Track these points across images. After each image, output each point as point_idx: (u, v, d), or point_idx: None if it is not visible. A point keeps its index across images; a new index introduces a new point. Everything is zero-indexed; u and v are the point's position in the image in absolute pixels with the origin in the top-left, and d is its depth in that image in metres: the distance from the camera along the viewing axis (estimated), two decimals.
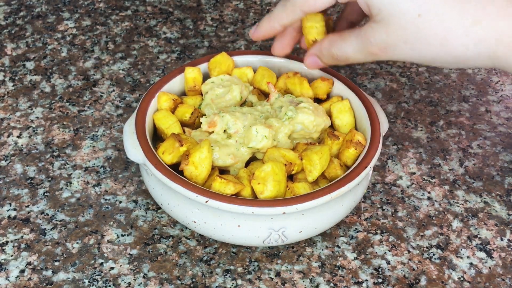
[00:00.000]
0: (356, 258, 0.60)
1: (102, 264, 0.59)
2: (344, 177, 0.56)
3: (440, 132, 0.73)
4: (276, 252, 0.60)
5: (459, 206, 0.65)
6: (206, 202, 0.54)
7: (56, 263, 0.59)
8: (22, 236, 0.61)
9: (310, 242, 0.61)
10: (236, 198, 0.54)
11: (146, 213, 0.63)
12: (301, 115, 0.60)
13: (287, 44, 0.63)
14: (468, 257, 0.61)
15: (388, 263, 0.60)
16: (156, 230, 0.62)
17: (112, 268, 0.58)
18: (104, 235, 0.61)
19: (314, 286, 0.58)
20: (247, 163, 0.60)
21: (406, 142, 0.72)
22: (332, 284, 0.58)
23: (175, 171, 0.56)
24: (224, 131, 0.60)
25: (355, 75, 0.80)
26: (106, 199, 0.64)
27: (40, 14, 0.88)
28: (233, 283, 0.58)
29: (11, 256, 0.59)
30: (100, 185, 0.66)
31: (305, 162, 0.58)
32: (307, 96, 0.65)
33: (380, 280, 0.58)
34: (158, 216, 0.63)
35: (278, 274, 0.58)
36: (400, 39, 0.51)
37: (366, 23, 0.54)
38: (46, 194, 0.65)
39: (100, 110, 0.74)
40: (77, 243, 0.60)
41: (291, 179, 0.59)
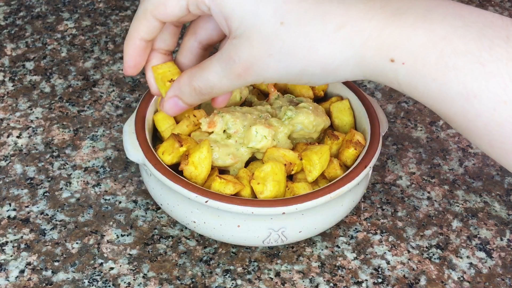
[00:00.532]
0: (356, 258, 0.60)
1: (102, 264, 0.59)
2: (344, 177, 0.56)
3: (440, 132, 0.73)
4: (276, 252, 0.60)
5: (459, 206, 0.65)
6: (206, 202, 0.54)
7: (56, 263, 0.59)
8: (22, 236, 0.61)
9: (310, 242, 0.61)
10: (235, 198, 0.54)
11: (146, 213, 0.63)
12: (300, 115, 0.60)
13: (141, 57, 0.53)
14: (468, 257, 0.61)
15: (388, 263, 0.60)
16: (156, 230, 0.62)
17: (112, 268, 0.58)
18: (104, 235, 0.61)
19: (313, 286, 0.58)
20: (247, 163, 0.60)
21: (406, 142, 0.72)
22: (332, 284, 0.58)
23: (175, 171, 0.56)
24: (224, 131, 0.60)
25: None
26: (106, 199, 0.64)
27: (40, 14, 0.88)
28: (233, 283, 0.58)
29: (11, 256, 0.59)
30: (100, 185, 0.66)
31: (305, 162, 0.58)
32: (306, 96, 0.65)
33: (380, 280, 0.58)
34: (158, 216, 0.63)
35: (278, 274, 0.58)
36: (264, 52, 0.45)
37: (226, 42, 0.47)
38: (46, 194, 0.65)
39: (100, 110, 0.74)
40: (77, 243, 0.60)
41: (291, 179, 0.59)
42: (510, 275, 0.59)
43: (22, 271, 0.58)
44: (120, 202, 0.64)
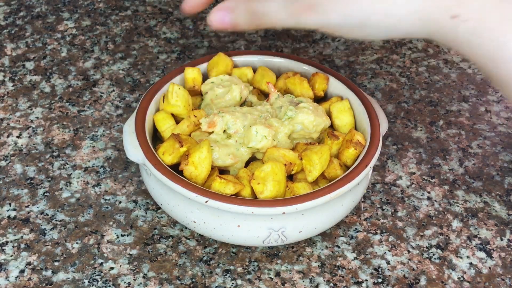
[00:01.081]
0: (356, 258, 0.60)
1: (102, 264, 0.59)
2: (344, 177, 0.56)
3: (440, 132, 0.73)
4: (276, 252, 0.60)
5: (459, 206, 0.65)
6: (206, 202, 0.54)
7: (56, 263, 0.59)
8: (22, 236, 0.61)
9: (310, 242, 0.61)
10: (235, 198, 0.54)
11: (146, 213, 0.63)
12: (301, 115, 0.60)
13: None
14: (468, 257, 0.61)
15: (388, 263, 0.60)
16: (156, 230, 0.62)
17: (112, 268, 0.58)
18: (104, 235, 0.61)
19: (314, 286, 0.58)
20: (247, 163, 0.60)
21: (406, 142, 0.72)
22: (332, 284, 0.58)
23: (175, 171, 0.56)
24: (224, 131, 0.60)
25: (355, 75, 0.80)
26: (106, 199, 0.64)
27: (40, 14, 0.88)
28: (233, 283, 0.58)
29: (11, 256, 0.59)
30: (100, 185, 0.66)
31: (305, 162, 0.58)
32: (307, 96, 0.65)
33: (380, 280, 0.58)
34: (158, 216, 0.63)
35: (278, 274, 0.58)
36: None
37: None
38: (46, 194, 0.65)
39: (100, 110, 0.74)
40: (77, 243, 0.60)
41: (291, 179, 0.59)
42: (510, 275, 0.59)
43: (22, 271, 0.58)
44: (120, 202, 0.64)
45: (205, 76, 0.67)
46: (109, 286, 0.57)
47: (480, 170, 0.69)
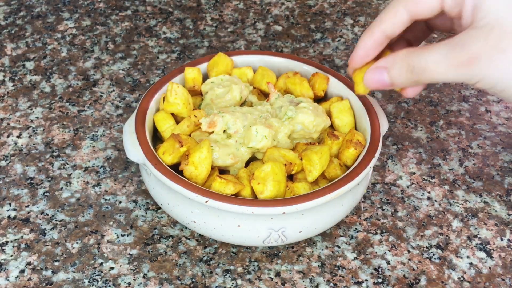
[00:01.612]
0: (356, 258, 0.60)
1: (102, 264, 0.59)
2: (344, 177, 0.56)
3: (440, 132, 0.73)
4: (276, 252, 0.60)
5: (459, 206, 0.65)
6: (206, 202, 0.54)
7: (56, 263, 0.59)
8: (22, 236, 0.61)
9: (310, 242, 0.61)
10: (236, 198, 0.54)
11: (146, 213, 0.63)
12: (301, 115, 0.60)
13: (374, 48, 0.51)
14: (468, 257, 0.61)
15: (388, 263, 0.60)
16: (156, 230, 0.62)
17: (112, 268, 0.58)
18: (104, 235, 0.61)
19: (314, 286, 0.58)
20: (247, 163, 0.60)
21: (406, 142, 0.72)
22: (332, 284, 0.58)
23: (175, 171, 0.56)
24: (224, 131, 0.60)
25: None
26: (106, 199, 0.64)
27: (40, 14, 0.88)
28: (233, 283, 0.58)
29: (11, 256, 0.59)
30: (100, 185, 0.66)
31: (305, 162, 0.58)
32: (307, 96, 0.65)
33: (380, 280, 0.58)
34: (158, 216, 0.63)
35: (278, 274, 0.58)
36: (499, 47, 0.43)
37: (462, 32, 0.46)
38: (46, 194, 0.65)
39: (100, 110, 0.74)
40: (77, 243, 0.60)
41: (291, 179, 0.59)
42: (510, 275, 0.59)
43: (22, 271, 0.58)
44: (120, 202, 0.64)
45: (205, 76, 0.67)
46: (109, 286, 0.57)
47: (480, 170, 0.69)
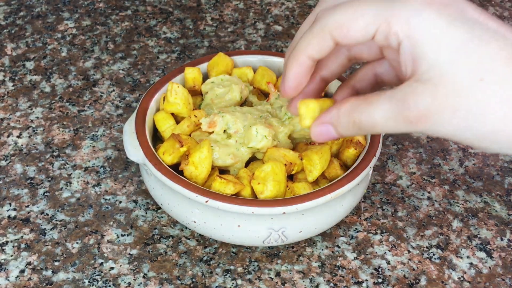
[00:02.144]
0: (356, 258, 0.60)
1: (102, 264, 0.59)
2: (344, 177, 0.56)
3: None
4: (276, 252, 0.60)
5: (459, 206, 0.65)
6: (206, 202, 0.54)
7: (56, 263, 0.59)
8: (22, 236, 0.61)
9: (310, 242, 0.61)
10: (236, 198, 0.54)
11: (146, 213, 0.63)
12: None
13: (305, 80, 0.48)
14: (468, 257, 0.61)
15: (388, 263, 0.60)
16: (156, 230, 0.62)
17: (112, 268, 0.58)
18: (104, 235, 0.61)
19: (314, 286, 0.58)
20: (247, 163, 0.60)
21: (406, 142, 0.72)
22: (332, 284, 0.58)
23: (175, 171, 0.56)
24: (224, 131, 0.60)
25: None
26: (106, 199, 0.64)
27: (40, 14, 0.88)
28: (233, 283, 0.58)
29: (11, 256, 0.59)
30: (100, 185, 0.66)
31: (305, 162, 0.58)
32: None
33: (380, 280, 0.58)
34: (158, 216, 0.63)
35: (278, 274, 0.58)
36: (449, 106, 0.40)
37: (404, 83, 0.42)
38: (46, 194, 0.65)
39: (100, 110, 0.74)
40: (77, 243, 0.60)
41: (291, 179, 0.59)
42: (510, 275, 0.59)
43: (22, 271, 0.58)
44: (120, 202, 0.64)
45: (205, 76, 0.67)
46: (109, 286, 0.57)
47: (480, 170, 0.69)
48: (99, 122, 0.73)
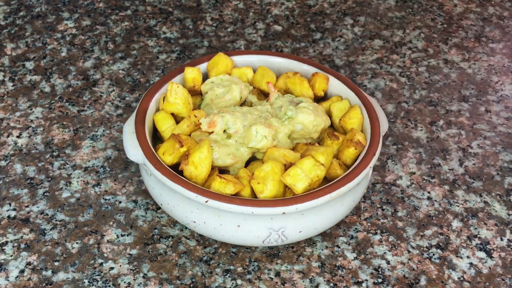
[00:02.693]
0: (356, 258, 0.60)
1: (102, 264, 0.59)
2: (344, 177, 0.56)
3: (440, 132, 0.73)
4: (276, 252, 0.60)
5: (459, 206, 0.65)
6: (206, 202, 0.54)
7: (56, 263, 0.59)
8: (22, 236, 0.61)
9: (310, 242, 0.61)
10: (235, 198, 0.54)
11: (146, 213, 0.63)
12: (301, 115, 0.60)
13: None
14: (468, 257, 0.61)
15: (388, 263, 0.60)
16: (156, 230, 0.62)
17: (112, 268, 0.58)
18: (104, 235, 0.61)
19: (314, 286, 0.58)
20: (247, 163, 0.60)
21: (406, 142, 0.72)
22: (332, 284, 0.58)
23: (175, 171, 0.56)
24: (224, 131, 0.60)
25: (355, 75, 0.80)
26: (106, 199, 0.64)
27: (40, 14, 0.88)
28: (233, 283, 0.58)
29: (11, 256, 0.59)
30: (100, 185, 0.66)
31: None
32: (307, 96, 0.65)
33: (380, 280, 0.58)
34: (158, 216, 0.63)
35: (278, 274, 0.58)
36: None
37: None
38: (46, 194, 0.65)
39: (99, 110, 0.74)
40: (76, 243, 0.60)
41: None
42: (510, 275, 0.59)
43: (22, 271, 0.58)
44: (120, 202, 0.64)
45: (205, 76, 0.67)
46: (109, 286, 0.57)
47: (480, 170, 0.69)
48: (99, 122, 0.73)
